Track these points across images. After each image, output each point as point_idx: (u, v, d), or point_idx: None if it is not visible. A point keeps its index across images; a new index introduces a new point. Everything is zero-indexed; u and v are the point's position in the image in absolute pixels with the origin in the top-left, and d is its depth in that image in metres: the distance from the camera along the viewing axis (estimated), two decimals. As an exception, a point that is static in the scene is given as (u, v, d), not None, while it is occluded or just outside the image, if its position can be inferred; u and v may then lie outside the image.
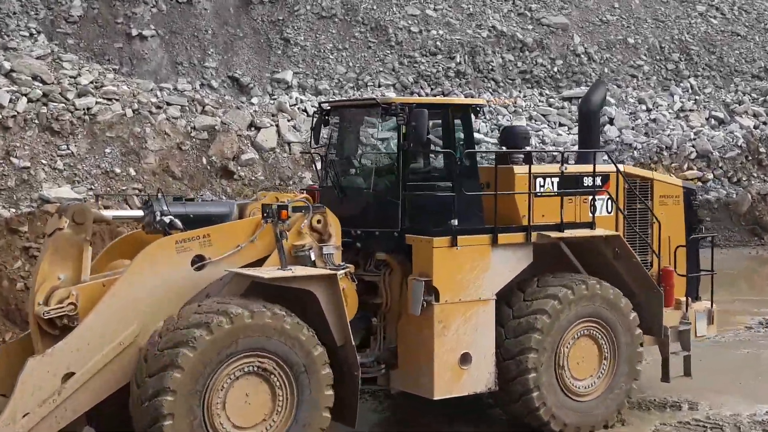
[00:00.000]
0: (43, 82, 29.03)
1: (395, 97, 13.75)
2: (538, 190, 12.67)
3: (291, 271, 10.58)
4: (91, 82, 29.67)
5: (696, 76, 39.98)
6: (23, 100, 27.91)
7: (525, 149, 13.32)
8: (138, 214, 11.62)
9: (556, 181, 12.84)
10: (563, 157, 13.05)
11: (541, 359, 11.93)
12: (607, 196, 13.13)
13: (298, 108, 32.13)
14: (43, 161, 27.42)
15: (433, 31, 37.78)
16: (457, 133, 12.36)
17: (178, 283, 10.72)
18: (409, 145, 11.66)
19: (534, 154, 13.99)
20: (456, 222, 11.65)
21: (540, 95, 38.52)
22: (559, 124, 36.82)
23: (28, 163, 26.73)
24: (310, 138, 13.09)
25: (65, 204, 12.00)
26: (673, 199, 14.17)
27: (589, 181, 13.12)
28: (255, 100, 32.42)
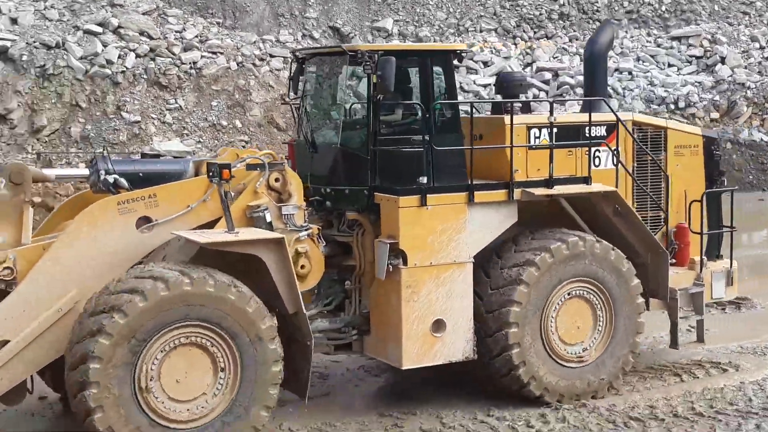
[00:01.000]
0: (149, 37, 29.18)
1: (363, 44, 12.87)
2: (532, 141, 11.71)
3: (233, 234, 9.92)
4: (195, 36, 29.86)
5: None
6: (131, 55, 28.34)
7: (521, 98, 12.32)
8: (84, 172, 11.08)
9: (554, 132, 11.85)
10: (551, 106, 11.98)
11: (526, 316, 11.07)
12: (609, 148, 12.07)
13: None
14: (153, 115, 27.67)
15: (536, -29, 36.67)
16: (438, 81, 11.45)
17: (122, 247, 10.17)
18: (377, 97, 10.82)
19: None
20: (425, 180, 10.80)
21: (647, 35, 37.09)
22: (668, 65, 35.41)
23: (138, 118, 26.95)
24: (288, 88, 12.35)
25: (3, 164, 11.55)
26: (691, 149, 13.01)
27: (593, 131, 12.10)
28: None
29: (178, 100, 27.82)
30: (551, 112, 11.68)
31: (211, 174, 10.26)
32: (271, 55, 30.15)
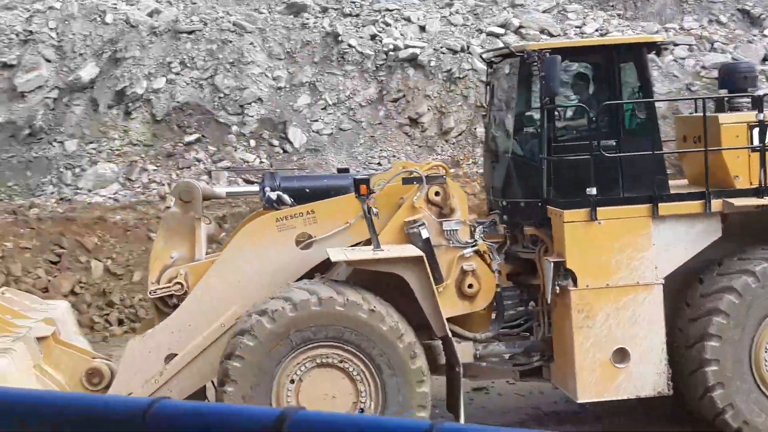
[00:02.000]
0: (549, 34, 29.49)
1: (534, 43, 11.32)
2: (755, 143, 9.99)
3: (371, 252, 9.57)
4: (596, 30, 29.63)
5: None
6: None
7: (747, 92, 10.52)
8: (254, 189, 11.27)
9: (770, 131, 10.02)
10: (757, 101, 10.08)
11: (727, 348, 9.50)
12: None
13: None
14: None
15: None
16: (629, 79, 10.17)
17: (282, 263, 10.22)
18: (542, 100, 9.85)
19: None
20: (594, 191, 9.61)
21: None
22: None
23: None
24: (485, 95, 11.65)
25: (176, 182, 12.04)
26: None
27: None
28: (768, 32, 29.85)
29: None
30: (760, 108, 9.84)
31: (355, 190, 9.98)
32: (674, 44, 28.62)
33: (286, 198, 10.45)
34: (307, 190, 10.57)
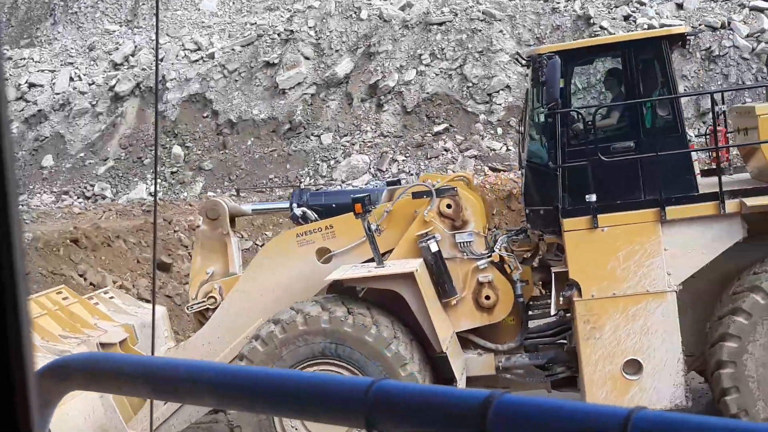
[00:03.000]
0: None
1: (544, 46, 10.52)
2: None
3: (366, 270, 9.62)
4: None
5: None
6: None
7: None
8: (280, 205, 11.48)
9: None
10: None
11: (746, 352, 8.95)
12: None
13: None
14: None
15: None
16: (649, 74, 9.71)
17: (303, 277, 10.44)
18: (544, 105, 9.57)
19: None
20: (593, 198, 9.25)
21: None
22: None
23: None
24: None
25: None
26: None
27: None
28: None
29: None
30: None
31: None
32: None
33: (311, 214, 10.64)
34: (334, 206, 10.72)
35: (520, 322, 10.26)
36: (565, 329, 10.19)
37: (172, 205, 22.08)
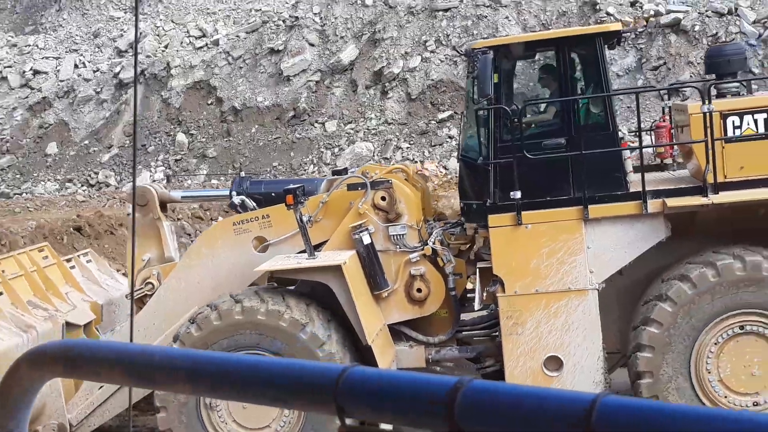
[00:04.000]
0: None
1: (480, 41, 10.42)
2: (730, 133, 9.24)
3: (296, 262, 9.67)
4: None
5: None
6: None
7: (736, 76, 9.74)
8: (210, 193, 11.53)
9: (763, 118, 9.24)
10: (748, 84, 9.24)
11: (661, 360, 8.93)
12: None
13: None
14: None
15: None
16: (584, 71, 9.70)
17: (240, 266, 10.48)
18: (476, 100, 9.59)
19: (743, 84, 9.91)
20: (518, 194, 9.25)
21: None
22: None
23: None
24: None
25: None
26: None
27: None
28: None
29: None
30: (706, 100, 9.08)
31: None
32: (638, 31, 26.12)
33: (249, 202, 10.68)
34: (273, 194, 10.74)
35: (453, 315, 10.28)
36: (497, 323, 10.19)
37: (175, 193, 22.31)
